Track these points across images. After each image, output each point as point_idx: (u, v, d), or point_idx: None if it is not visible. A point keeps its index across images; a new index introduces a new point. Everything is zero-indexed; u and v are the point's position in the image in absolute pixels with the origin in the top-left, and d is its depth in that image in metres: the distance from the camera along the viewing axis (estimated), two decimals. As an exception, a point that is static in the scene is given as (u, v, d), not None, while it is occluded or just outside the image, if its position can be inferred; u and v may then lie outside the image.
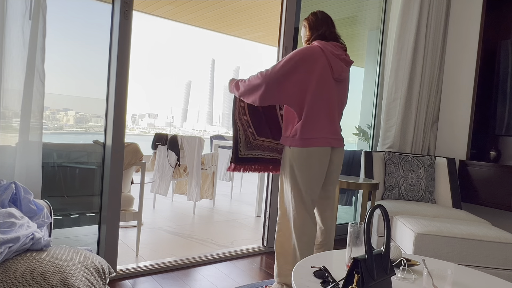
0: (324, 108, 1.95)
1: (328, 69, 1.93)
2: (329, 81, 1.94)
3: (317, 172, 1.97)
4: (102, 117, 2.19)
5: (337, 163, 2.08)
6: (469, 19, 3.31)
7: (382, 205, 1.26)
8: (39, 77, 1.78)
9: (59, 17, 2.08)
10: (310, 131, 1.94)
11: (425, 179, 2.94)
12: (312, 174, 1.97)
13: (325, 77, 1.93)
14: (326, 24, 2.03)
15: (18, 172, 1.77)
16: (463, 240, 2.10)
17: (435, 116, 3.51)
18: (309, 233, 2.00)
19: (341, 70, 1.96)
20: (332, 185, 2.13)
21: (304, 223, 2.00)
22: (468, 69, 3.28)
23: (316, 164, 1.96)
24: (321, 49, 1.93)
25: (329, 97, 1.95)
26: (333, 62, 1.93)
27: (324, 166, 1.99)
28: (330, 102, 1.96)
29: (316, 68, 1.90)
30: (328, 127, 1.97)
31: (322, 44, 1.94)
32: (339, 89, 2.02)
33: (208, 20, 5.69)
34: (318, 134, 1.95)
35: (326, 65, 1.92)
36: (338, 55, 1.95)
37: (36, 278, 1.15)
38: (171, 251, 2.78)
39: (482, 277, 1.51)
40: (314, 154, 1.94)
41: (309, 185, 1.98)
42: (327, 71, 1.93)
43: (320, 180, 2.01)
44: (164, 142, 3.87)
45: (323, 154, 1.96)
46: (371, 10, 3.66)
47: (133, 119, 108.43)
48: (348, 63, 2.02)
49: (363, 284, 1.11)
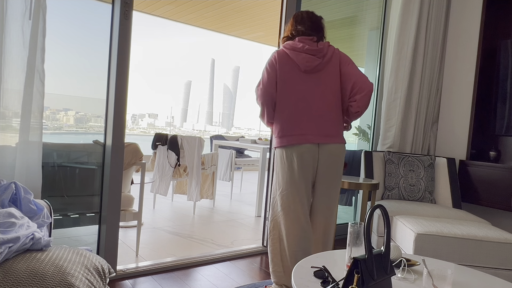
0: (293, 105, 1.93)
1: (292, 65, 1.93)
2: (295, 77, 1.94)
3: (296, 172, 1.92)
4: (102, 117, 2.19)
5: (324, 161, 1.96)
6: (469, 19, 3.31)
7: (382, 205, 1.26)
8: (39, 77, 1.78)
9: (59, 17, 2.08)
10: (281, 130, 1.96)
11: (425, 179, 2.94)
12: (290, 174, 1.93)
13: (289, 74, 1.94)
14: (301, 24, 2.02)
15: (18, 172, 1.77)
16: (463, 240, 2.10)
17: (435, 116, 3.51)
18: (296, 234, 1.95)
19: (306, 61, 1.92)
20: (320, 185, 1.99)
21: (290, 225, 1.96)
22: (468, 69, 3.28)
23: (291, 163, 1.92)
24: (283, 50, 1.97)
25: (300, 92, 1.93)
26: (295, 57, 1.92)
27: (304, 165, 1.92)
28: (303, 97, 1.93)
29: (276, 69, 1.95)
30: (302, 124, 1.92)
31: (286, 45, 1.98)
32: (317, 80, 1.95)
33: (208, 20, 5.70)
34: (289, 132, 1.93)
35: (287, 63, 1.94)
36: (300, 48, 1.92)
37: (36, 278, 1.15)
38: (171, 251, 2.78)
39: (482, 277, 1.51)
40: (288, 153, 1.92)
41: (290, 186, 1.94)
42: (290, 68, 1.94)
43: (303, 181, 1.94)
44: (164, 142, 3.87)
45: (300, 152, 1.91)
46: (371, 10, 3.66)
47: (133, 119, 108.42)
48: (316, 51, 1.92)
49: (363, 284, 1.12)
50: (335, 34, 3.54)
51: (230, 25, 5.92)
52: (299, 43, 1.95)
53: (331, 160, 1.98)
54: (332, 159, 1.98)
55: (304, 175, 1.94)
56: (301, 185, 1.95)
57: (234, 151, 4.83)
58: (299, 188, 1.94)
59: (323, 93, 1.95)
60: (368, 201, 2.71)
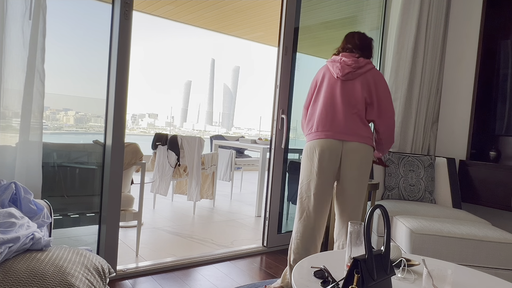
0: (321, 105, 2.11)
1: (328, 73, 2.14)
2: (329, 82, 2.13)
3: (314, 167, 2.03)
4: (102, 117, 2.19)
5: (346, 159, 2.02)
6: (469, 19, 3.31)
7: (382, 205, 1.26)
8: (39, 77, 1.78)
9: (59, 17, 2.08)
10: (308, 128, 2.15)
11: (425, 179, 2.94)
12: (308, 169, 2.06)
13: (324, 80, 2.14)
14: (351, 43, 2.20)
15: (18, 172, 1.77)
16: (463, 240, 2.10)
17: (435, 116, 3.51)
18: (301, 232, 2.06)
19: (338, 69, 2.10)
20: (343, 183, 2.05)
21: (299, 223, 2.07)
22: (468, 69, 3.28)
23: (311, 158, 2.05)
24: (326, 65, 2.20)
25: (330, 95, 2.11)
26: (331, 67, 2.14)
27: (324, 161, 2.01)
28: (331, 99, 2.10)
29: (316, 79, 2.21)
30: (326, 121, 2.07)
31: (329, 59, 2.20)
32: (347, 87, 2.11)
33: (208, 20, 5.69)
34: (314, 128, 2.11)
35: (325, 72, 2.16)
36: (337, 60, 2.13)
37: (36, 278, 1.15)
38: (171, 251, 2.78)
39: (482, 277, 1.51)
40: (310, 147, 2.07)
41: (307, 182, 2.06)
42: (326, 75, 2.15)
43: (322, 177, 2.02)
44: (164, 142, 3.87)
45: (321, 147, 2.02)
46: (371, 10, 3.66)
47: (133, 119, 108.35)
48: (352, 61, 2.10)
49: (363, 284, 1.12)
50: (335, 34, 3.54)
51: (230, 25, 5.92)
52: (339, 56, 2.14)
53: (350, 157, 2.03)
54: (351, 156, 2.03)
55: (322, 172, 2.06)
56: (318, 183, 2.06)
57: (234, 151, 4.83)
58: (314, 185, 2.07)
59: (348, 97, 2.09)
60: (368, 201, 2.71)
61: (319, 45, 3.36)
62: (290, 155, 3.09)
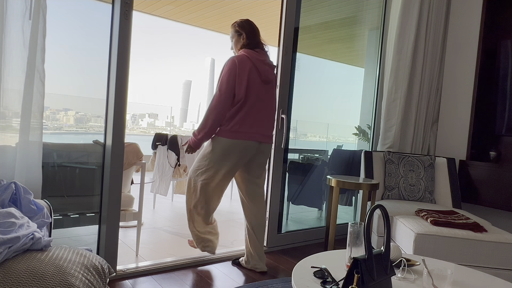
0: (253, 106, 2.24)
1: (255, 72, 2.26)
2: (257, 83, 2.26)
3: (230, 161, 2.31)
4: (102, 117, 2.19)
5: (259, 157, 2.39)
6: (469, 19, 3.31)
7: (382, 205, 1.26)
8: (39, 77, 1.78)
9: (59, 17, 2.08)
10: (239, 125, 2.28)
11: (425, 179, 2.94)
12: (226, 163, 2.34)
13: (253, 80, 2.25)
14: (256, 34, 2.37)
15: (18, 172, 1.77)
16: (463, 240, 2.10)
17: (435, 116, 3.51)
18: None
19: (267, 73, 2.29)
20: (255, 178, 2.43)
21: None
22: (468, 69, 3.28)
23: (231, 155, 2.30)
24: (247, 57, 2.26)
25: (258, 96, 2.26)
26: (259, 67, 2.26)
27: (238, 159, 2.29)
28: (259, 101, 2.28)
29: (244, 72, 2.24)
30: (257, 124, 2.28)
31: (247, 52, 2.28)
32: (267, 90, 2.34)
33: (208, 20, 5.69)
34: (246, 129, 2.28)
35: (252, 69, 2.24)
36: (262, 61, 2.28)
37: (36, 278, 1.15)
38: (171, 251, 2.78)
39: (482, 277, 1.51)
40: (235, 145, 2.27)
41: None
42: (254, 74, 2.25)
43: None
44: (164, 142, 3.87)
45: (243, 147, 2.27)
46: (371, 10, 3.66)
47: (133, 119, 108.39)
48: (271, 66, 2.36)
49: (363, 284, 1.12)
50: (335, 34, 3.54)
51: (230, 25, 5.92)
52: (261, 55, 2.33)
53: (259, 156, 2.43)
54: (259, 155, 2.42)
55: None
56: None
57: (234, 151, 4.82)
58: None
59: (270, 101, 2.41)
60: (368, 201, 2.71)
61: (319, 45, 3.36)
62: (290, 155, 3.09)
